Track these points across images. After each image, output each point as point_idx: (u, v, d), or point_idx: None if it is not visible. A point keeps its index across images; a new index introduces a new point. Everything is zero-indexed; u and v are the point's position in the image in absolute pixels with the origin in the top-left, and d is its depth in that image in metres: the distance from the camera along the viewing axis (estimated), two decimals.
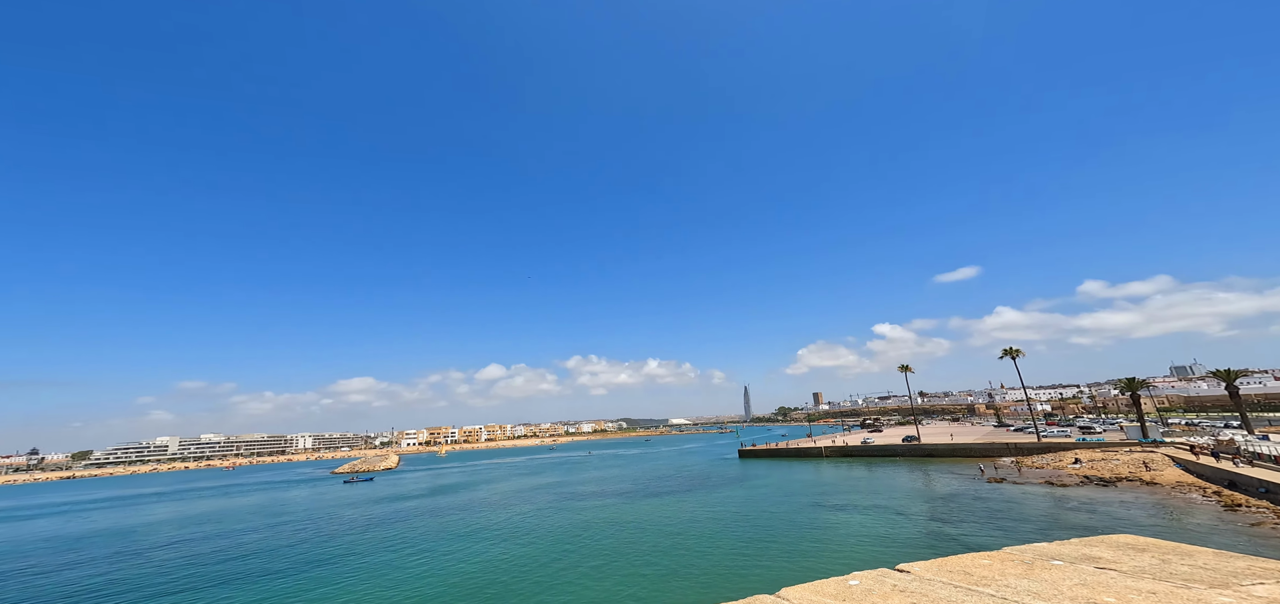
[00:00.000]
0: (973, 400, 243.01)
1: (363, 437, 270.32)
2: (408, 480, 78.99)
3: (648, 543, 29.36)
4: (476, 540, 32.74)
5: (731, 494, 46.58)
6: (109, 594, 24.76)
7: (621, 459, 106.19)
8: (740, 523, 33.46)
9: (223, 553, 32.91)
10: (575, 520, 38.00)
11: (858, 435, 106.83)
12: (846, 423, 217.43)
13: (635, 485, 57.64)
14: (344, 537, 35.62)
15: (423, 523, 40.23)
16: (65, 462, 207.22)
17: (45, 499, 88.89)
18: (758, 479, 56.75)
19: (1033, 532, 27.04)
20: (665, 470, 74.02)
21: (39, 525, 52.31)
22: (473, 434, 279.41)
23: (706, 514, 37.25)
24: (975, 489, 41.09)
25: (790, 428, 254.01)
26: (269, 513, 49.68)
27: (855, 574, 3.90)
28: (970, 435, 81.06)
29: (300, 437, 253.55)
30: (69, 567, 31.82)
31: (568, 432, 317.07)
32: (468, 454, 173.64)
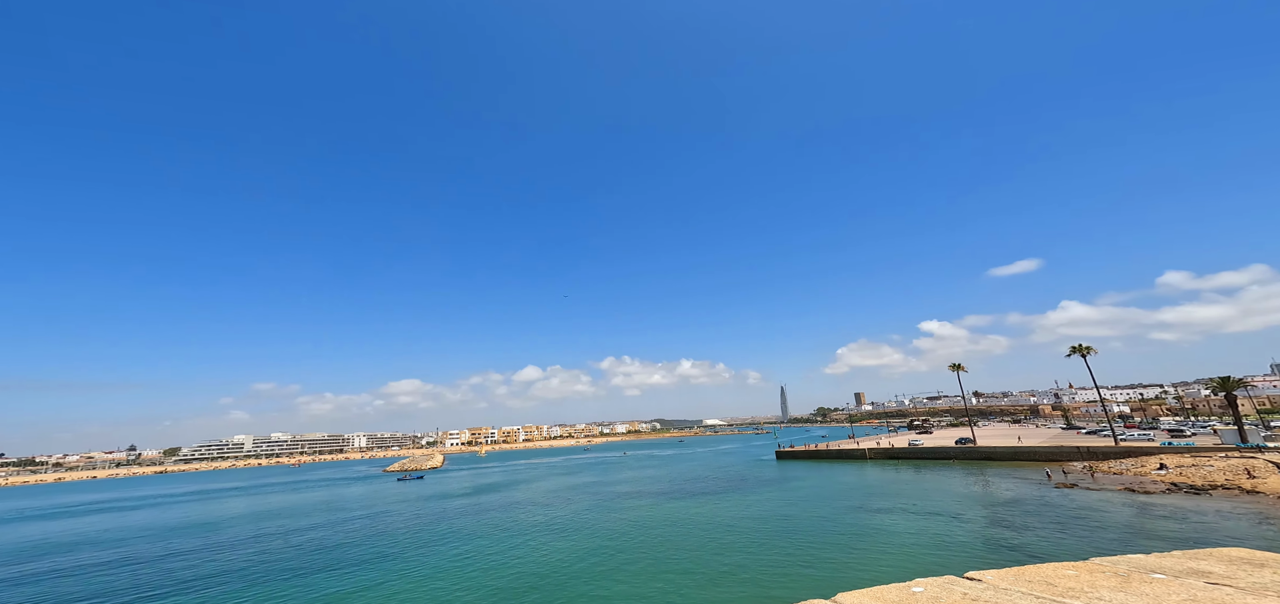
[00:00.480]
0: (1036, 401, 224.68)
1: (411, 436, 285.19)
2: (452, 479, 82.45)
3: (690, 544, 29.16)
4: (520, 538, 33.71)
5: (770, 495, 45.44)
6: (195, 583, 27.42)
7: (657, 459, 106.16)
8: (781, 525, 32.57)
9: (294, 546, 35.68)
10: (615, 520, 38.32)
11: (905, 437, 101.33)
12: (892, 424, 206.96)
13: (672, 486, 57.42)
14: (400, 532, 37.70)
15: (470, 520, 41.90)
16: (158, 457, 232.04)
17: (143, 492, 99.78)
18: (797, 481, 55.04)
19: (1114, 542, 24.59)
20: (702, 471, 73.28)
21: (138, 516, 58.74)
22: (511, 434, 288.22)
23: (746, 515, 36.52)
24: (1041, 495, 37.93)
25: (830, 429, 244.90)
26: (333, 509, 53.32)
27: (919, 581, 3.67)
28: (1035, 438, 74.98)
29: (356, 436, 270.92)
30: (162, 558, 35.42)
31: (602, 432, 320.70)
32: (506, 454, 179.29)
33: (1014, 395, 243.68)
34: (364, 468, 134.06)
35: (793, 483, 53.68)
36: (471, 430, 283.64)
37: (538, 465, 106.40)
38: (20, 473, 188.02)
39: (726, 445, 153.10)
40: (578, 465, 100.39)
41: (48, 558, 35.56)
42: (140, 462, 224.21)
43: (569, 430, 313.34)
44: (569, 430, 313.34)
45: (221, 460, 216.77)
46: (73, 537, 43.32)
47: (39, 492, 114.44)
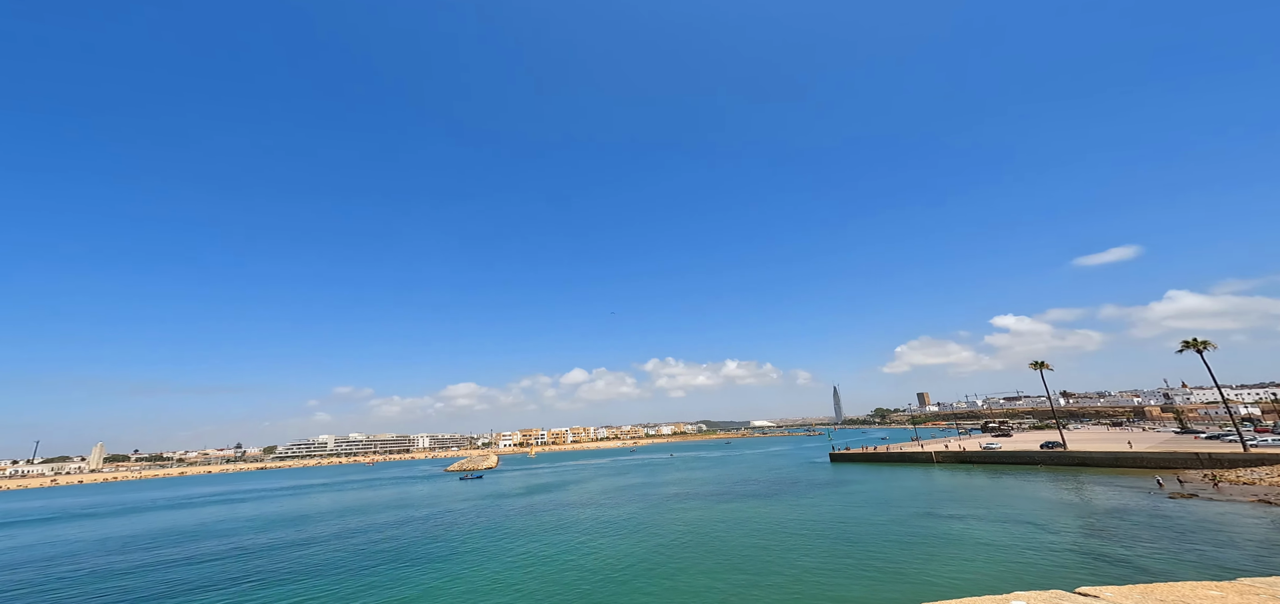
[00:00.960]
0: (1141, 401, 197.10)
1: (468, 437, 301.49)
2: (506, 479, 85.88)
3: (746, 547, 28.39)
4: (576, 538, 34.43)
5: (826, 498, 43.16)
6: (294, 575, 30.43)
7: (704, 461, 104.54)
8: (841, 529, 30.81)
9: (374, 540, 38.75)
10: (668, 521, 38.15)
11: (979, 440, 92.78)
12: (962, 426, 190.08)
13: (722, 487, 56.25)
14: (466, 530, 39.83)
15: (527, 520, 43.46)
16: (259, 454, 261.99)
17: (248, 486, 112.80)
18: (854, 484, 51.91)
19: (1249, 560, 20.88)
20: (751, 473, 71.21)
21: (245, 508, 66.57)
22: (560, 436, 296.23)
23: (802, 518, 34.93)
24: (1152, 505, 33.06)
25: (891, 431, 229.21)
26: (403, 505, 57.36)
27: (1019, 595, 3.18)
28: (1144, 442, 65.75)
29: (420, 437, 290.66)
30: (267, 549, 39.64)
31: (648, 434, 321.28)
32: (555, 455, 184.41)
33: (1112, 396, 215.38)
34: (427, 467, 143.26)
35: (850, 486, 50.70)
36: (523, 432, 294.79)
37: (586, 467, 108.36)
38: (151, 467, 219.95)
39: (776, 447, 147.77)
40: (625, 466, 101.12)
41: (177, 546, 41.05)
42: (245, 458, 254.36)
43: (615, 432, 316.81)
44: (615, 432, 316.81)
45: (309, 458, 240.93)
46: (194, 525, 49.82)
47: (166, 484, 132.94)
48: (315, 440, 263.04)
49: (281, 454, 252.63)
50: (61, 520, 60.49)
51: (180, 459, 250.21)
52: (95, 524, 53.85)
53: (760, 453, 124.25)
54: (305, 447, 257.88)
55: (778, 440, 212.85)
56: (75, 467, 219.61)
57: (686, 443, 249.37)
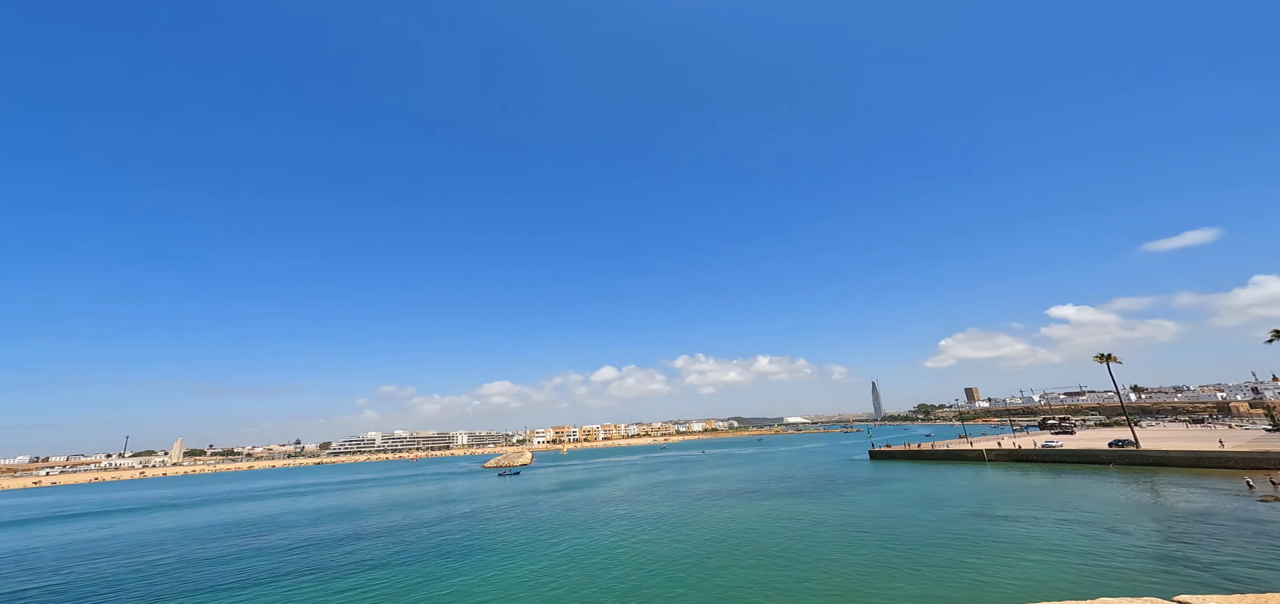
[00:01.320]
0: (1226, 396, 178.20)
1: (503, 435, 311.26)
2: (541, 476, 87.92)
3: (784, 545, 27.91)
4: (615, 533, 34.93)
5: (866, 497, 41.60)
6: (350, 567, 32.45)
7: (736, 458, 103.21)
8: (883, 529, 29.64)
9: (421, 534, 40.75)
10: (704, 518, 38.03)
11: (1036, 437, 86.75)
12: (1017, 423, 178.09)
13: (757, 484, 55.37)
14: (509, 524, 41.28)
15: (566, 515, 44.48)
16: (315, 450, 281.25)
17: (307, 480, 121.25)
18: (895, 482, 49.74)
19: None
20: (786, 470, 69.67)
21: (305, 501, 71.69)
22: (591, 433, 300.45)
23: (838, 515, 33.88)
24: (1242, 509, 29.82)
25: (936, 428, 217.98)
26: (446, 500, 59.94)
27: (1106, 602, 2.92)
28: (1232, 440, 59.46)
29: (459, 434, 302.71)
30: (326, 543, 42.40)
31: (678, 431, 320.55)
32: (587, 452, 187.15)
33: (1192, 390, 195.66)
34: (466, 463, 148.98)
35: (892, 484, 48.63)
36: (555, 429, 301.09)
37: (618, 463, 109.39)
38: (223, 461, 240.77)
39: (811, 444, 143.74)
40: (657, 463, 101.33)
41: (248, 537, 44.66)
42: (304, 453, 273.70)
43: (646, 429, 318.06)
44: (646, 429, 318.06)
45: (359, 454, 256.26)
46: (262, 517, 54.14)
47: (236, 478, 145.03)
48: (364, 437, 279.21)
49: (335, 450, 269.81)
50: (152, 510, 67.14)
51: (248, 454, 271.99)
52: (179, 514, 59.37)
53: (795, 450, 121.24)
54: (356, 443, 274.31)
55: (813, 437, 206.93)
56: (160, 460, 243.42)
57: (718, 440, 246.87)
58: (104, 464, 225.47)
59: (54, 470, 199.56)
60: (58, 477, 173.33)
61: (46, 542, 43.77)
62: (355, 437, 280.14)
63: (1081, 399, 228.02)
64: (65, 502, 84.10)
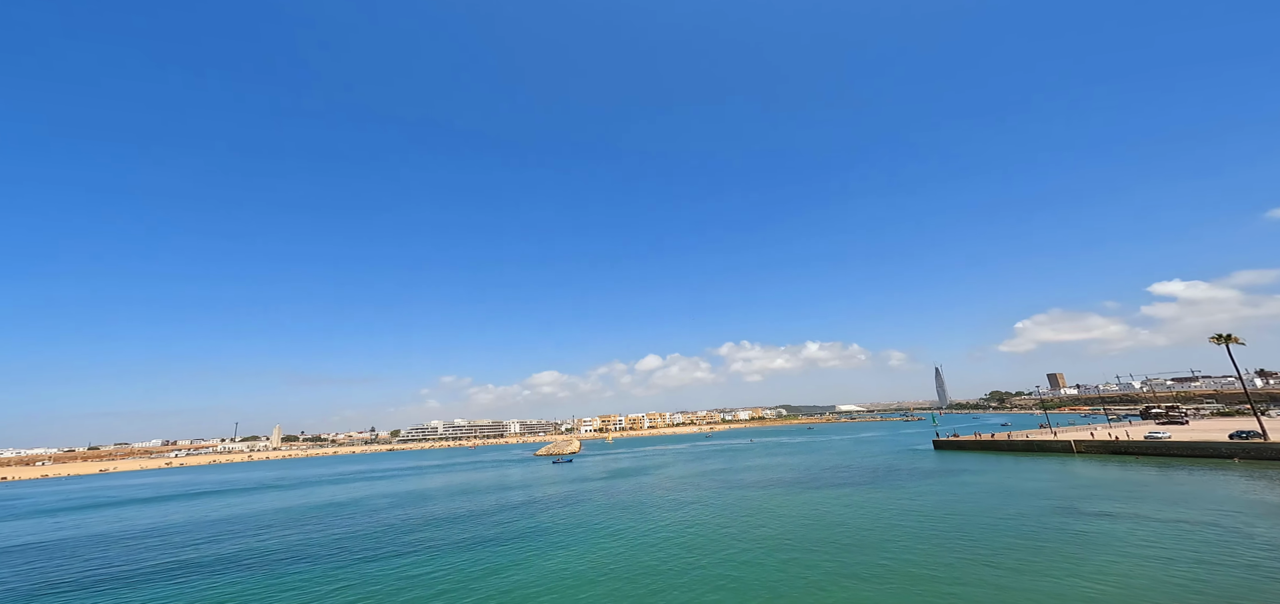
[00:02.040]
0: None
1: (552, 423, 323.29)
2: (589, 464, 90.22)
3: (847, 537, 26.91)
4: (662, 519, 35.33)
5: (931, 488, 38.87)
6: (423, 546, 35.19)
7: (786, 447, 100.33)
8: (952, 523, 27.60)
9: (483, 518, 43.42)
10: (757, 507, 37.51)
11: (1139, 428, 77.05)
12: (1113, 412, 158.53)
13: (810, 474, 53.56)
14: (560, 510, 43.11)
15: (615, 503, 45.62)
16: (387, 437, 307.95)
17: (381, 466, 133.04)
18: (964, 474, 46.03)
19: None
20: (841, 460, 66.73)
21: (381, 485, 78.78)
22: (636, 422, 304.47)
23: (901, 507, 31.98)
24: None
25: (1013, 417, 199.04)
26: (504, 487, 63.24)
27: None
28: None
29: (512, 423, 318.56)
30: (400, 526, 46.25)
31: (724, 419, 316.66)
32: (632, 441, 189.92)
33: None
34: (520, 451, 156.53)
35: (961, 476, 45.07)
36: (602, 418, 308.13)
37: (665, 452, 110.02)
38: (313, 447, 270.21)
39: (868, 433, 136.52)
40: (704, 452, 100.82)
41: (337, 518, 49.67)
42: (378, 440, 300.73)
43: (691, 417, 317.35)
44: (691, 417, 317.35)
45: (424, 441, 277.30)
46: (347, 500, 60.21)
47: (324, 462, 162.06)
48: (428, 425, 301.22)
49: (404, 437, 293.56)
50: (260, 491, 76.74)
51: (332, 440, 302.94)
52: (281, 495, 67.26)
53: (849, 439, 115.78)
54: (421, 431, 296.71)
55: (869, 426, 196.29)
56: (263, 444, 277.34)
57: (765, 428, 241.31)
58: (219, 447, 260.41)
59: (181, 452, 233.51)
60: (185, 458, 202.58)
61: (186, 517, 51.39)
62: (420, 425, 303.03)
63: (1193, 385, 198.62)
64: (193, 481, 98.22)
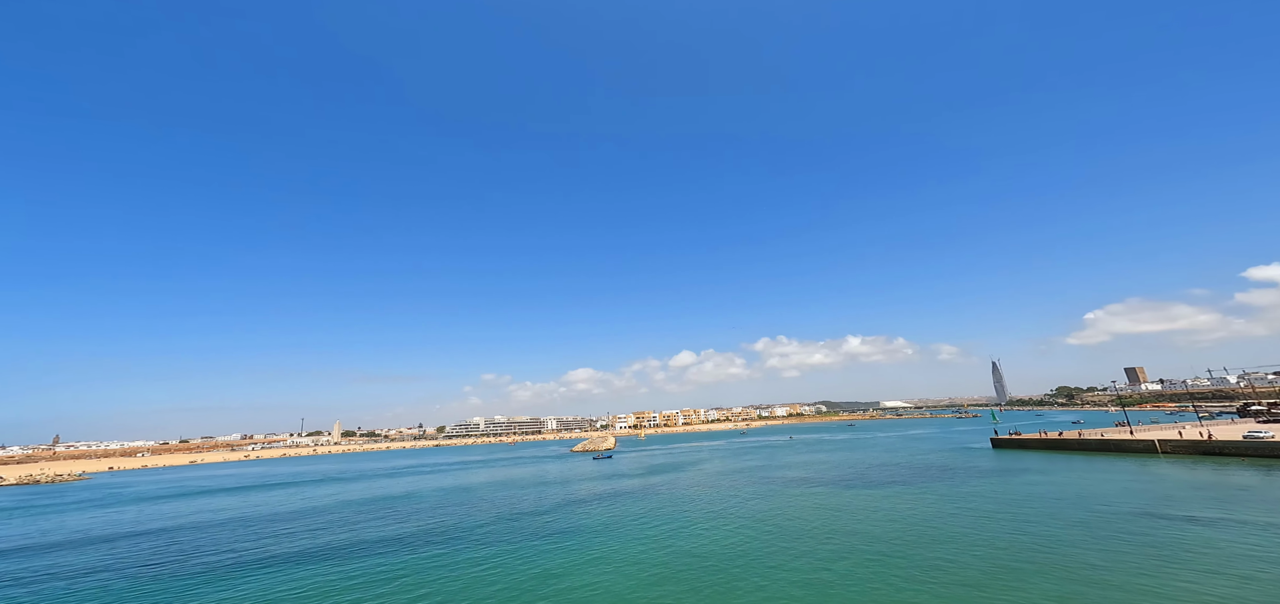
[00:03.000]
0: None
1: (587, 420, 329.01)
2: (625, 460, 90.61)
3: (897, 537, 26.07)
4: (703, 516, 35.45)
5: (990, 488, 36.57)
6: (472, 539, 37.07)
7: (827, 444, 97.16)
8: (1015, 527, 25.98)
9: (526, 515, 45.09)
10: (800, 507, 36.88)
11: (1236, 426, 69.13)
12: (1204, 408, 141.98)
13: (854, 472, 51.77)
14: (600, 505, 44.10)
15: (652, 499, 46.13)
16: (433, 433, 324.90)
17: (428, 460, 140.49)
18: (1028, 474, 42.92)
19: None
20: (888, 458, 63.92)
21: (430, 479, 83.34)
22: (670, 418, 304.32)
23: (957, 509, 30.38)
24: None
25: (1084, 414, 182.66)
26: (542, 483, 65.25)
27: None
28: None
29: (549, 419, 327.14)
30: (450, 520, 48.77)
31: (760, 416, 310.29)
32: (666, 437, 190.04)
33: None
34: (556, 448, 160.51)
35: (1024, 476, 42.09)
36: (636, 414, 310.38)
37: (701, 448, 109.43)
38: (368, 442, 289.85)
39: (917, 430, 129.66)
40: (740, 448, 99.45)
41: (394, 510, 53.09)
42: (425, 436, 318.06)
43: (726, 414, 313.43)
44: (726, 414, 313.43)
45: (467, 437, 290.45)
46: (402, 493, 64.19)
47: (379, 457, 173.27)
48: (470, 422, 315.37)
49: (449, 433, 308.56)
50: (325, 483, 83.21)
51: (385, 435, 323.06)
52: (342, 487, 72.60)
53: (896, 436, 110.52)
54: (464, 427, 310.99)
55: (918, 423, 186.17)
56: (325, 439, 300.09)
57: (804, 425, 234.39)
58: (288, 442, 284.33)
59: (257, 446, 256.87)
60: (259, 452, 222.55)
61: (267, 507, 56.77)
62: (463, 421, 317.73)
63: None
64: (269, 474, 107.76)
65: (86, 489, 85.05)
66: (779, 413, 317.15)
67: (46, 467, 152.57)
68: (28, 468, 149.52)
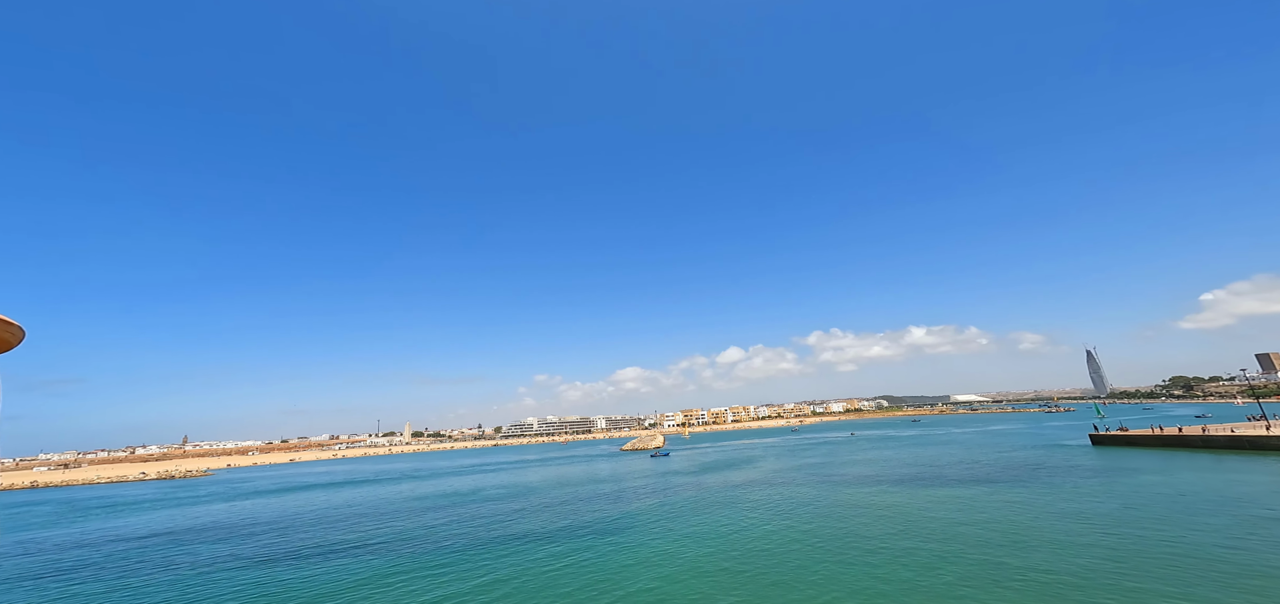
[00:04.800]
0: None
1: (635, 419, 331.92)
2: (678, 458, 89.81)
3: (989, 538, 24.35)
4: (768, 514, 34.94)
5: (1093, 489, 32.81)
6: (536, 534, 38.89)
7: (894, 440, 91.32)
8: (1127, 530, 23.21)
9: (582, 511, 46.67)
10: (880, 504, 35.25)
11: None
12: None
13: (929, 470, 48.39)
14: (653, 499, 44.63)
15: (704, 496, 45.96)
16: (491, 433, 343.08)
17: (488, 459, 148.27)
18: (1142, 474, 37.95)
19: None
20: (965, 455, 59.08)
21: (490, 476, 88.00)
22: (719, 416, 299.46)
23: (1057, 509, 27.58)
24: None
25: (1208, 407, 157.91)
26: (595, 480, 66.56)
27: None
28: None
29: (598, 418, 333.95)
30: (513, 514, 51.46)
31: (814, 412, 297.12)
32: (715, 435, 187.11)
33: None
34: (606, 446, 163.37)
35: (1136, 476, 37.29)
36: (684, 412, 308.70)
37: (755, 446, 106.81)
38: (435, 442, 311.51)
39: (998, 426, 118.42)
40: (797, 446, 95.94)
41: (464, 505, 56.75)
42: (484, 436, 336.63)
43: (777, 411, 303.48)
44: (777, 411, 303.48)
45: (522, 437, 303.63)
46: (468, 489, 68.13)
47: (445, 456, 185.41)
48: (525, 422, 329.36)
49: (505, 433, 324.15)
50: (401, 480, 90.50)
51: (449, 436, 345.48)
52: (417, 484, 78.31)
53: (973, 431, 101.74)
54: (519, 427, 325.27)
55: (999, 418, 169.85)
56: (397, 439, 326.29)
57: (863, 421, 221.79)
58: (367, 442, 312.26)
59: (342, 446, 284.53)
60: (345, 451, 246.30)
61: (361, 500, 62.92)
62: (518, 422, 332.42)
63: None
64: (356, 471, 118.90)
65: (213, 484, 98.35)
66: (835, 408, 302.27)
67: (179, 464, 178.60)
68: (165, 464, 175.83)
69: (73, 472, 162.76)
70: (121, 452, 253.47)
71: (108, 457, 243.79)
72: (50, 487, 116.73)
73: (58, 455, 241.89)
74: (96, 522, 50.11)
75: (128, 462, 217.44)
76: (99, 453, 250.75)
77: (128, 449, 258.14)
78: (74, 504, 71.17)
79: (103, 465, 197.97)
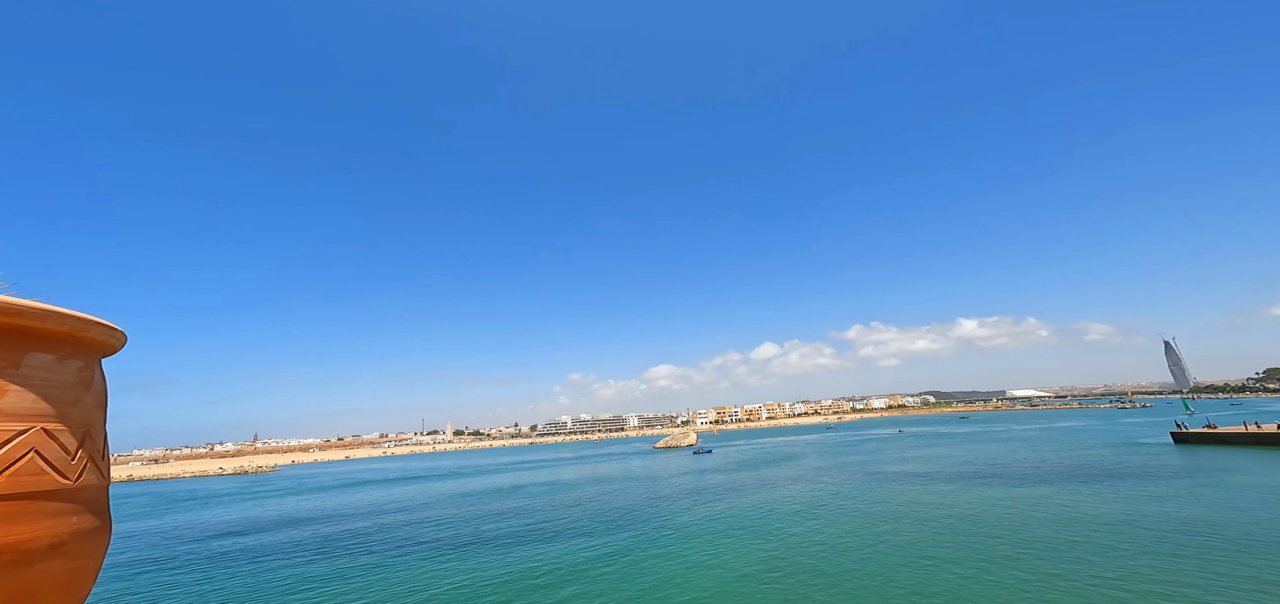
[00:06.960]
0: None
1: (668, 416, 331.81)
2: (714, 456, 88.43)
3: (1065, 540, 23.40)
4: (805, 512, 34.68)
5: (1179, 492, 30.27)
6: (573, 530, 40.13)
7: (946, 437, 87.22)
8: (1225, 536, 21.49)
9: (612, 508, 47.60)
10: (938, 504, 34.19)
11: None
12: None
13: (991, 468, 45.82)
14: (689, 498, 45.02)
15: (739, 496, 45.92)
16: (527, 431, 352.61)
17: (524, 458, 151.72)
18: (1234, 475, 34.72)
19: None
20: (1031, 454, 55.49)
21: (526, 474, 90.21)
22: (753, 413, 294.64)
23: (1137, 513, 25.76)
24: None
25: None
26: (628, 478, 67.10)
27: None
28: None
29: (630, 416, 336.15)
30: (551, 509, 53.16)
31: (854, 408, 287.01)
32: (750, 433, 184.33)
33: None
34: (639, 444, 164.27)
35: (1228, 478, 34.16)
36: (717, 410, 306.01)
37: (794, 443, 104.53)
38: (475, 440, 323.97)
39: (1064, 423, 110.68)
40: (837, 443, 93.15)
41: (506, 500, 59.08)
42: (521, 434, 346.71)
43: (815, 407, 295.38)
44: (815, 407, 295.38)
45: (556, 435, 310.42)
46: (509, 486, 69.06)
47: (485, 453, 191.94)
48: (560, 421, 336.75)
49: (541, 431, 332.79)
50: (448, 477, 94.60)
51: (489, 434, 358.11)
52: (462, 481, 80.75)
53: (1036, 429, 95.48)
54: (554, 426, 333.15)
55: (1063, 413, 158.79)
56: (441, 437, 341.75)
57: (908, 417, 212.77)
58: (412, 440, 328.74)
59: (391, 444, 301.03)
60: (393, 448, 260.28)
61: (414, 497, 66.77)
62: (553, 420, 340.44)
63: None
64: (407, 468, 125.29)
65: (282, 480, 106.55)
66: (876, 405, 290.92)
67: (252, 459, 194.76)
68: (239, 461, 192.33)
69: (162, 467, 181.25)
70: (202, 448, 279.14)
71: (190, 452, 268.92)
72: (145, 480, 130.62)
73: (149, 451, 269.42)
74: (186, 514, 55.78)
75: (207, 457, 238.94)
76: (183, 449, 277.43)
77: (207, 446, 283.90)
78: (165, 497, 79.27)
79: (186, 461, 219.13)
